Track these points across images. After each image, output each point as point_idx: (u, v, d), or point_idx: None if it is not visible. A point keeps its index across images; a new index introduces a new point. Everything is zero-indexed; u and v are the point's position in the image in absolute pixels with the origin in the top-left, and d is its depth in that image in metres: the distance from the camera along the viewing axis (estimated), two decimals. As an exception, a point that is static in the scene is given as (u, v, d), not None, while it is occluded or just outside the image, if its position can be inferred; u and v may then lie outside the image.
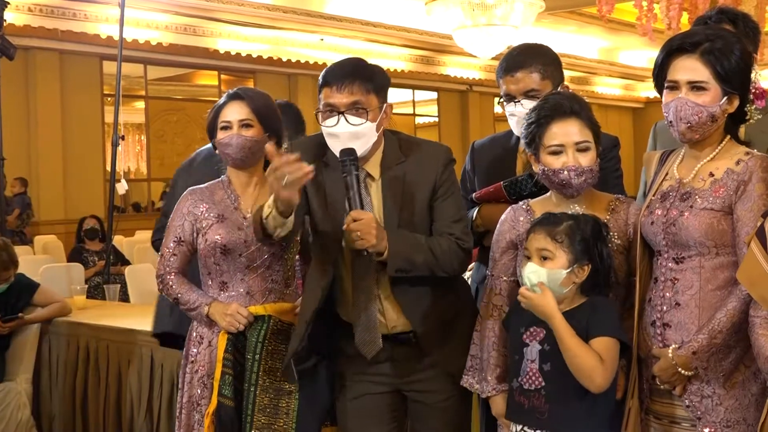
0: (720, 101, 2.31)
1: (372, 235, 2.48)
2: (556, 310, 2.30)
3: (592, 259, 2.34)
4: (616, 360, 2.33)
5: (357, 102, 2.59)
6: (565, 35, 16.04)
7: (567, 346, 2.28)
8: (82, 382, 4.72)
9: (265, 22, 13.34)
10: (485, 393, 2.58)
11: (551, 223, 2.36)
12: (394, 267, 2.57)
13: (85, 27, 11.88)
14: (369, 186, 2.69)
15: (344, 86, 2.60)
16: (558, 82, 2.93)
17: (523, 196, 2.78)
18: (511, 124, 3.00)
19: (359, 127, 2.59)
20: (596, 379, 2.28)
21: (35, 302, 4.85)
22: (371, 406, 2.75)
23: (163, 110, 14.52)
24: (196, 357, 3.02)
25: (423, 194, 2.68)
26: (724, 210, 2.30)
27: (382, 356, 2.71)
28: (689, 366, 2.27)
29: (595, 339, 2.30)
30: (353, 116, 2.59)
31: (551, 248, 2.33)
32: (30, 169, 12.21)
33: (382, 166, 2.70)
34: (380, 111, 2.65)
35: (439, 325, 2.70)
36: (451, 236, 2.65)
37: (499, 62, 3.01)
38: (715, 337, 2.23)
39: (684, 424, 2.38)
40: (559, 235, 2.33)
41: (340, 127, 2.60)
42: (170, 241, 3.05)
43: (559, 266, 2.33)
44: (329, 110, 2.63)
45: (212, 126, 3.06)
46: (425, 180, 2.68)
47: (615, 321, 2.36)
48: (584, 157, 2.46)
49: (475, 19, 11.12)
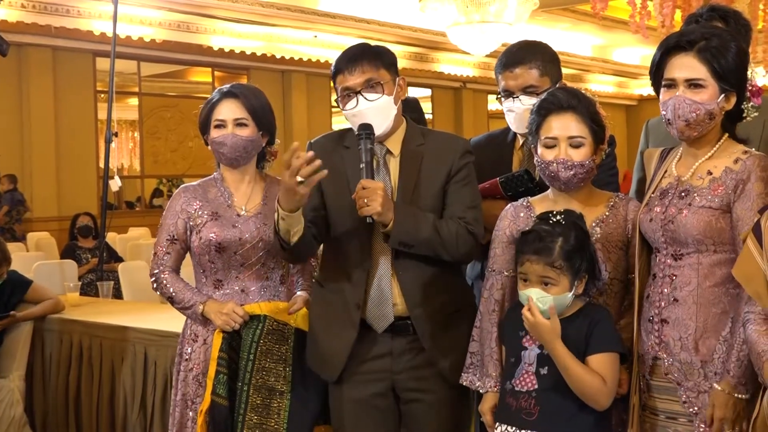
0: (717, 99, 2.32)
1: (378, 202, 2.51)
2: (556, 338, 2.30)
3: (586, 269, 2.36)
4: (617, 375, 2.35)
5: (370, 79, 2.67)
6: (558, 32, 16.05)
7: (571, 374, 2.29)
8: (75, 379, 4.70)
9: (258, 18, 13.32)
10: (486, 388, 2.57)
11: (544, 249, 2.33)
12: (397, 239, 2.59)
13: (79, 23, 11.84)
14: (388, 162, 2.74)
15: (355, 68, 2.67)
16: (556, 79, 2.94)
17: (519, 192, 2.78)
18: (508, 120, 3.00)
19: (377, 102, 2.66)
20: (601, 400, 2.30)
21: (28, 299, 4.83)
22: (368, 408, 2.74)
23: (157, 107, 14.48)
24: (191, 355, 3.02)
25: (439, 176, 2.71)
26: (722, 208, 2.31)
27: (380, 350, 2.71)
28: (739, 389, 2.23)
29: (596, 356, 2.32)
30: (370, 93, 2.66)
31: (553, 276, 2.33)
32: (23, 165, 12.19)
33: (403, 144, 2.76)
34: (394, 84, 2.72)
35: (439, 317, 2.70)
36: (461, 220, 2.67)
37: (498, 58, 3.01)
38: (741, 350, 2.22)
39: (681, 419, 2.38)
40: (557, 262, 2.32)
41: (360, 105, 2.66)
42: (164, 239, 3.04)
43: (563, 290, 2.33)
44: (347, 94, 2.70)
45: (205, 123, 3.04)
46: (443, 163, 2.72)
47: (612, 333, 2.38)
48: (576, 152, 2.47)
49: (468, 16, 11.12)
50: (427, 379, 2.72)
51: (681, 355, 2.34)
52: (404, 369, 2.72)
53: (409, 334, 2.70)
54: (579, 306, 2.40)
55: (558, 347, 2.30)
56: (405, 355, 2.71)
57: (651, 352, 2.42)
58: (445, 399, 2.74)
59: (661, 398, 2.42)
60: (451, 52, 16.16)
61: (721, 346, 2.30)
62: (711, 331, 2.32)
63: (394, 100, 2.71)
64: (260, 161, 3.15)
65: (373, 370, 2.72)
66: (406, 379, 2.73)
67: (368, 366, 2.72)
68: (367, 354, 2.72)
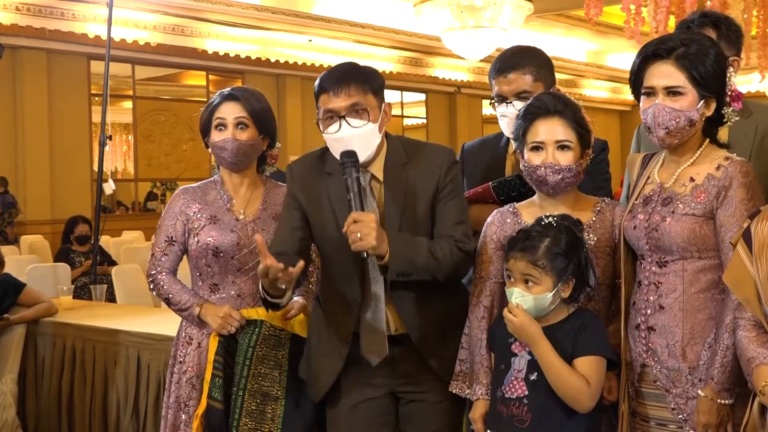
0: (697, 105, 2.32)
1: (372, 236, 2.41)
2: (540, 337, 2.31)
3: (573, 272, 2.35)
4: (602, 378, 2.34)
5: (356, 104, 2.56)
6: (553, 38, 16.10)
7: (553, 372, 2.30)
8: (68, 383, 4.70)
9: (253, 22, 13.33)
10: (476, 396, 2.56)
11: (529, 247, 2.34)
12: (395, 270, 2.52)
13: (73, 26, 11.84)
14: (374, 188, 2.66)
15: (341, 90, 2.55)
16: (550, 84, 2.94)
17: (511, 197, 2.78)
18: (501, 126, 3.00)
19: (361, 129, 2.56)
20: (583, 401, 2.30)
21: (21, 302, 4.83)
22: (366, 415, 2.71)
23: (151, 110, 14.47)
24: (185, 358, 3.02)
25: (426, 195, 2.65)
26: (706, 215, 2.31)
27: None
28: (723, 394, 2.25)
29: (582, 359, 2.32)
30: (354, 119, 2.56)
31: (535, 274, 2.33)
32: (17, 168, 12.16)
33: (386, 167, 2.67)
34: (380, 111, 2.62)
35: (438, 330, 2.68)
36: (451, 238, 2.61)
37: (492, 63, 3.01)
38: (725, 356, 2.24)
39: (671, 426, 2.39)
40: (540, 261, 2.33)
41: (342, 131, 2.56)
42: (161, 241, 3.04)
43: (544, 290, 2.33)
44: (329, 116, 2.59)
45: (206, 125, 3.02)
46: (428, 181, 2.65)
47: (601, 338, 2.37)
48: (563, 156, 2.48)
49: (463, 21, 11.15)
50: (427, 382, 2.70)
51: (669, 362, 2.35)
52: (404, 375, 2.71)
53: (410, 342, 2.67)
54: (569, 311, 2.39)
55: (541, 345, 2.30)
56: (405, 362, 2.70)
57: (639, 360, 2.42)
58: (445, 399, 2.71)
59: (651, 405, 2.43)
60: (445, 56, 16.19)
61: (706, 352, 2.30)
62: (698, 338, 2.33)
63: (378, 127, 2.61)
64: (260, 164, 3.14)
65: (372, 375, 2.70)
66: (406, 383, 2.72)
67: (368, 372, 2.69)
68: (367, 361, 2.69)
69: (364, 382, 2.71)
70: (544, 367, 2.31)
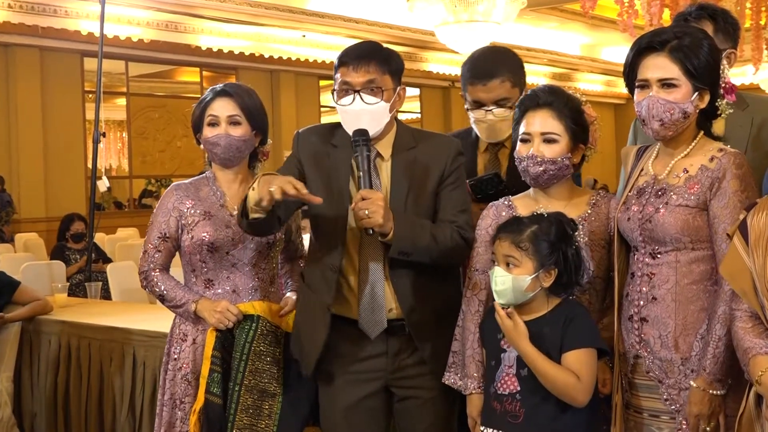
0: (691, 97, 2.33)
1: (379, 214, 2.47)
2: (525, 340, 2.30)
3: (557, 263, 2.34)
4: (593, 371, 2.33)
5: (373, 81, 2.63)
6: (547, 31, 16.09)
7: (542, 373, 2.29)
8: (63, 380, 4.69)
9: (247, 18, 13.30)
10: (468, 390, 2.57)
11: (515, 230, 2.36)
12: (397, 249, 2.57)
13: (66, 23, 11.79)
14: (379, 166, 2.71)
15: (361, 65, 2.63)
16: (523, 86, 2.98)
17: (489, 195, 2.81)
18: (478, 131, 3.03)
19: (374, 106, 2.63)
20: (577, 396, 2.29)
21: (16, 300, 4.82)
22: (362, 418, 2.73)
23: (145, 107, 14.44)
24: (180, 354, 3.01)
25: (431, 180, 2.70)
26: (699, 206, 2.32)
27: (375, 350, 2.71)
28: (715, 385, 2.26)
29: (570, 353, 2.31)
30: (368, 95, 2.63)
31: (516, 255, 2.34)
32: (10, 166, 12.13)
33: (394, 147, 2.73)
34: (394, 93, 2.70)
35: (433, 317, 2.70)
36: (453, 224, 2.67)
37: (464, 68, 3.01)
38: (717, 346, 2.24)
39: (663, 417, 2.40)
40: (523, 243, 2.34)
41: (355, 105, 2.63)
42: (154, 237, 3.02)
43: (524, 273, 2.33)
44: (345, 89, 2.66)
45: (198, 122, 3.02)
46: (434, 166, 2.71)
47: (589, 329, 2.36)
48: (549, 149, 2.49)
49: (457, 15, 11.13)
50: (422, 376, 2.72)
51: (661, 353, 2.36)
52: (399, 368, 2.72)
53: (404, 334, 2.70)
54: (555, 303, 2.39)
55: (525, 347, 2.30)
56: (400, 354, 2.71)
57: (632, 351, 2.43)
58: (439, 395, 2.73)
59: (644, 396, 2.44)
60: (439, 51, 16.15)
61: (698, 343, 2.31)
62: (690, 329, 2.34)
63: (390, 107, 2.68)
64: (252, 161, 3.14)
65: (368, 369, 2.72)
66: (401, 377, 2.73)
67: (363, 365, 2.71)
68: (362, 353, 2.71)
69: (359, 377, 2.72)
70: (534, 369, 2.31)
